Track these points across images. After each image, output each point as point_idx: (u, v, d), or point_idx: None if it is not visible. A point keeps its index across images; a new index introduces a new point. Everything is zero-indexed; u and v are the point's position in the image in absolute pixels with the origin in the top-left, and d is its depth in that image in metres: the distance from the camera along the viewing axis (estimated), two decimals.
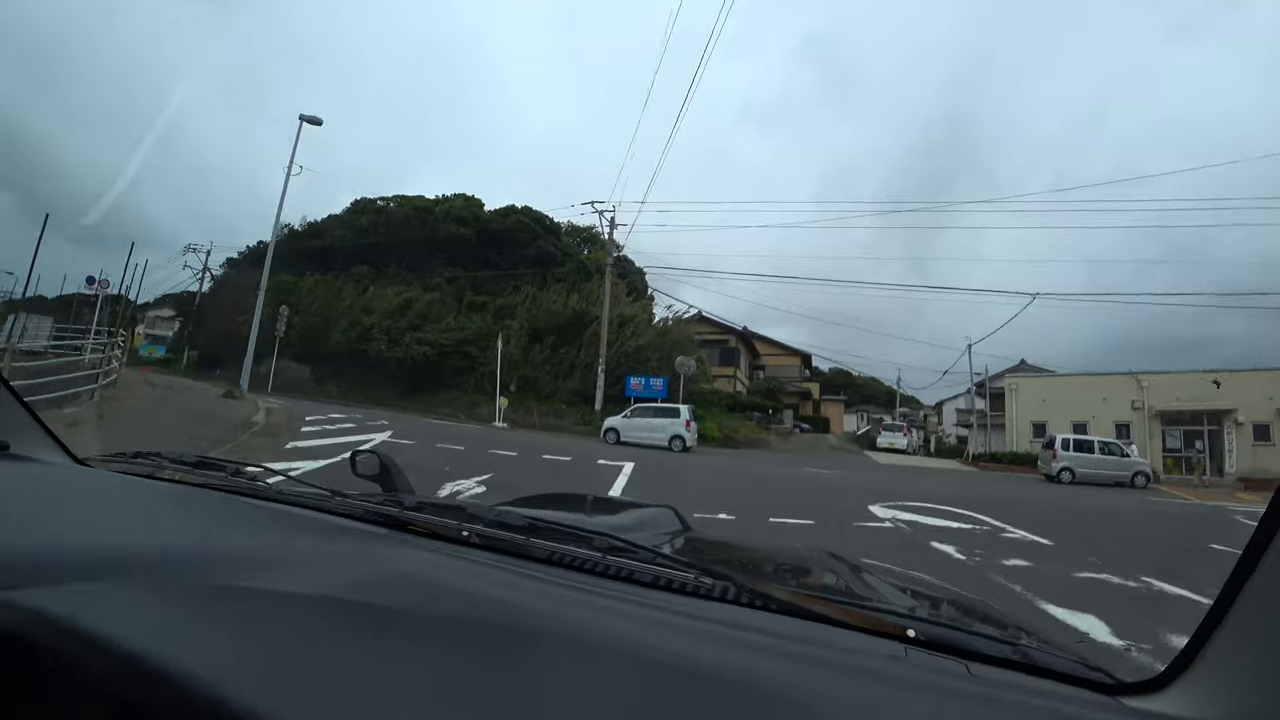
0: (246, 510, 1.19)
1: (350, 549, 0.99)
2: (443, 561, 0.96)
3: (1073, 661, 0.83)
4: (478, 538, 1.08)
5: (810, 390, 48.11)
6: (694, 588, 0.94)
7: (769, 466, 16.10)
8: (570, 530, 1.10)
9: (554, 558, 1.02)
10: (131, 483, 1.29)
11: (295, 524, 1.12)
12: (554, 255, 37.83)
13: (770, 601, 0.90)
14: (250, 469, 1.43)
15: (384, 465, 1.56)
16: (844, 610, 0.90)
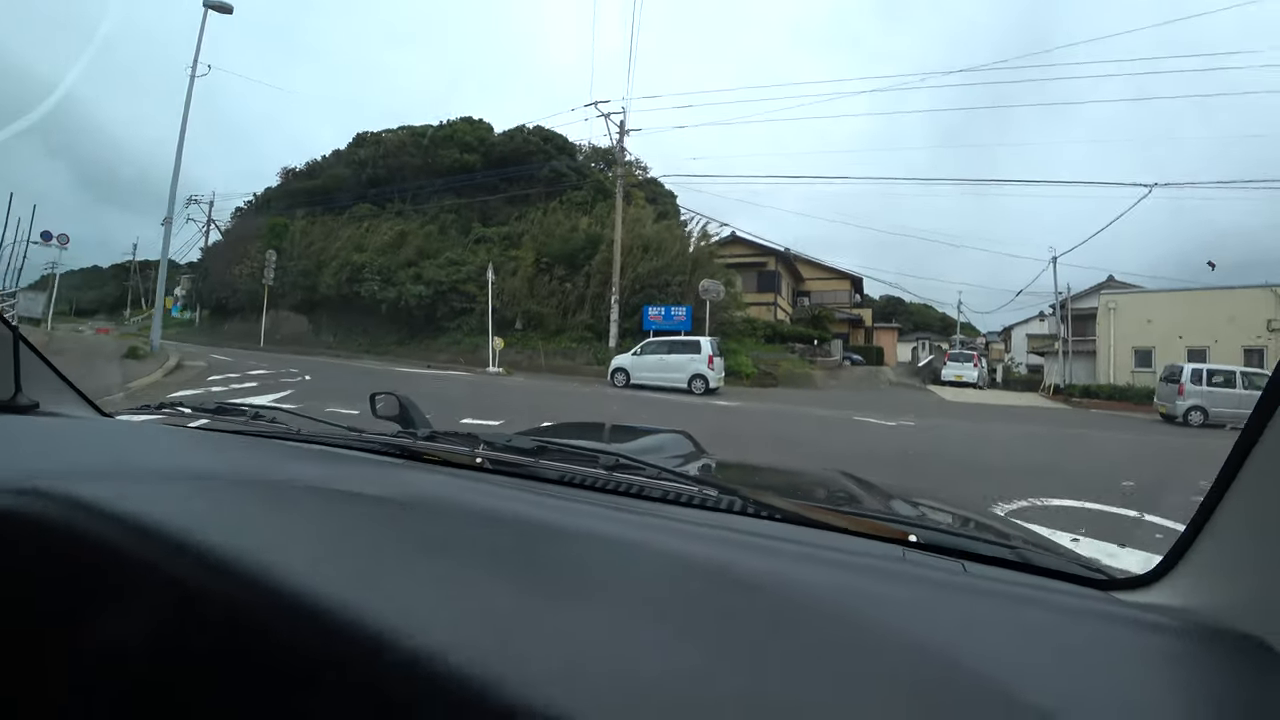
0: (268, 449, 1.23)
1: (369, 474, 1.01)
2: (459, 484, 0.97)
3: (1066, 560, 0.87)
4: (490, 463, 1.11)
5: (862, 317, 43.39)
6: (701, 500, 0.97)
7: (807, 416, 12.18)
8: (578, 450, 1.13)
9: (565, 478, 1.05)
10: (159, 429, 1.36)
11: (314, 458, 1.15)
12: (569, 177, 33.60)
13: (775, 511, 0.92)
14: (268, 411, 1.45)
15: (402, 405, 1.60)
16: (847, 518, 0.92)
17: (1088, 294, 33.88)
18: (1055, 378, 29.46)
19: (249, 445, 1.26)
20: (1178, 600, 0.69)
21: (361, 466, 1.08)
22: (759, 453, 7.53)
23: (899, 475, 6.54)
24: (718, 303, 21.78)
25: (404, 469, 1.09)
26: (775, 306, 32.04)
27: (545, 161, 34.15)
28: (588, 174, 33.52)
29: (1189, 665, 0.60)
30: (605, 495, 1.00)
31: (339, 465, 1.07)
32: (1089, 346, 31.66)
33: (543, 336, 24.51)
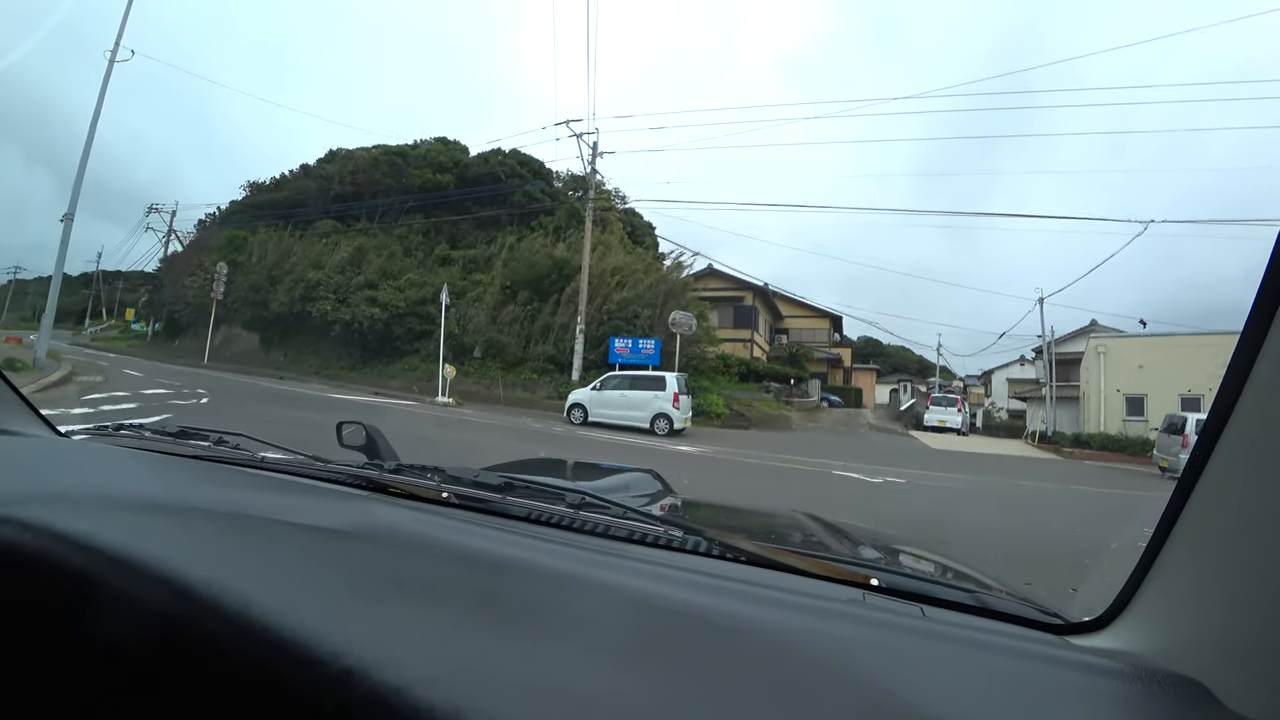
0: (231, 476, 1.20)
1: (332, 506, 0.99)
2: (423, 518, 0.96)
3: (1022, 604, 0.89)
4: (456, 498, 1.10)
5: (841, 357, 42.27)
6: (666, 540, 0.97)
7: (780, 470, 10.63)
8: (545, 488, 1.14)
9: (531, 515, 1.05)
10: (113, 451, 1.30)
11: (278, 487, 1.12)
12: (542, 201, 32.31)
13: (739, 553, 0.93)
14: (232, 438, 1.43)
15: (369, 435, 1.60)
16: (809, 561, 0.94)
17: (1071, 338, 33.07)
18: (1039, 424, 28.37)
19: (208, 471, 1.22)
20: (1126, 644, 0.71)
21: (325, 498, 1.06)
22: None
23: None
24: (689, 336, 20.34)
25: (368, 502, 1.07)
26: (752, 343, 30.74)
27: (519, 185, 32.93)
28: (562, 200, 32.27)
29: (1135, 710, 0.61)
30: (571, 534, 0.99)
31: (302, 496, 1.05)
32: (1073, 392, 30.68)
33: (502, 366, 22.89)
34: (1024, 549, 5.45)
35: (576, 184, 33.07)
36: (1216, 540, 0.64)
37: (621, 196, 33.25)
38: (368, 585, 0.63)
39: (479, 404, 19.94)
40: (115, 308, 56.79)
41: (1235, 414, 0.61)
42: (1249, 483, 0.61)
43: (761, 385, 24.65)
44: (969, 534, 6.02)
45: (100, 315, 58.51)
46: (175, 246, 44.37)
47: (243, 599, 0.52)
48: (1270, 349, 0.56)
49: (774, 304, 35.12)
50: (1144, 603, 0.72)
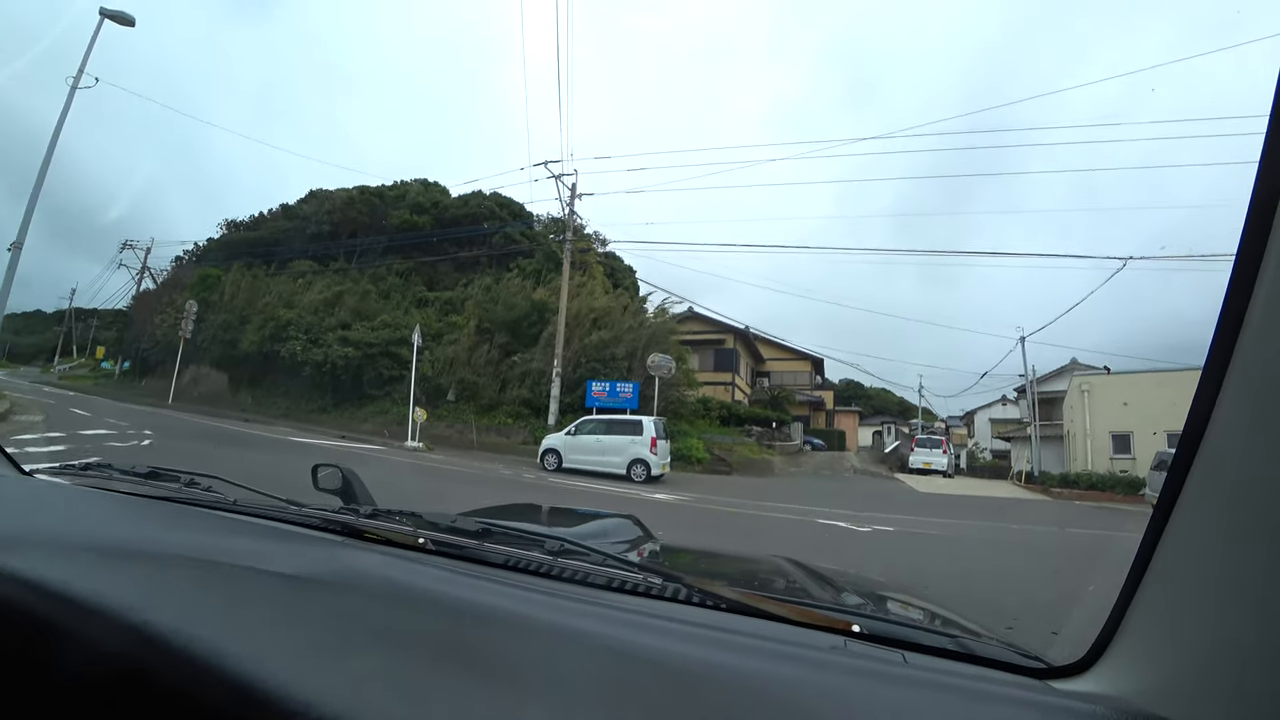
0: (202, 520, 1.16)
1: (307, 552, 0.96)
2: (400, 565, 0.94)
3: (1004, 649, 0.89)
4: (433, 544, 1.08)
5: (823, 399, 41.95)
6: (645, 588, 0.96)
7: (764, 518, 10.03)
8: (523, 534, 1.12)
9: (509, 562, 1.03)
10: (80, 492, 1.28)
11: (251, 531, 1.10)
12: (521, 244, 32.09)
13: (719, 600, 0.92)
14: (204, 480, 1.40)
15: (345, 478, 1.57)
16: (790, 608, 0.93)
17: (1052, 377, 33.02)
18: (1025, 464, 28.02)
19: (179, 514, 1.19)
20: (1107, 687, 0.71)
21: (298, 543, 1.02)
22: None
23: None
24: (668, 380, 19.84)
25: (343, 548, 1.04)
26: (733, 386, 30.29)
27: (498, 227, 32.75)
28: (541, 242, 32.06)
29: None
30: (550, 581, 0.98)
31: (275, 541, 1.02)
32: (1056, 431, 30.48)
33: (476, 410, 22.18)
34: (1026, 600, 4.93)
35: (557, 227, 32.96)
36: (1190, 580, 0.63)
37: (602, 240, 33.24)
38: (342, 636, 0.62)
39: (450, 449, 19.19)
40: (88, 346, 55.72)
41: (1200, 452, 0.61)
42: (1218, 522, 0.60)
43: (743, 429, 24.13)
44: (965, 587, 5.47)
45: (71, 353, 57.31)
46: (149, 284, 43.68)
47: (214, 649, 0.52)
48: (1229, 388, 0.57)
49: (755, 347, 34.84)
50: (1123, 645, 0.72)
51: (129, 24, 13.92)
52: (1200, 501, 0.61)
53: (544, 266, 28.65)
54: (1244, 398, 0.56)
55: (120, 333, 43.55)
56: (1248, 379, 0.55)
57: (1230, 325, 0.56)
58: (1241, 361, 0.56)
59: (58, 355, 56.43)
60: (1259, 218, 0.54)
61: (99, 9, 13.67)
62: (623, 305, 24.47)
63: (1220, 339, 0.57)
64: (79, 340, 59.10)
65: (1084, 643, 0.77)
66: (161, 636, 0.52)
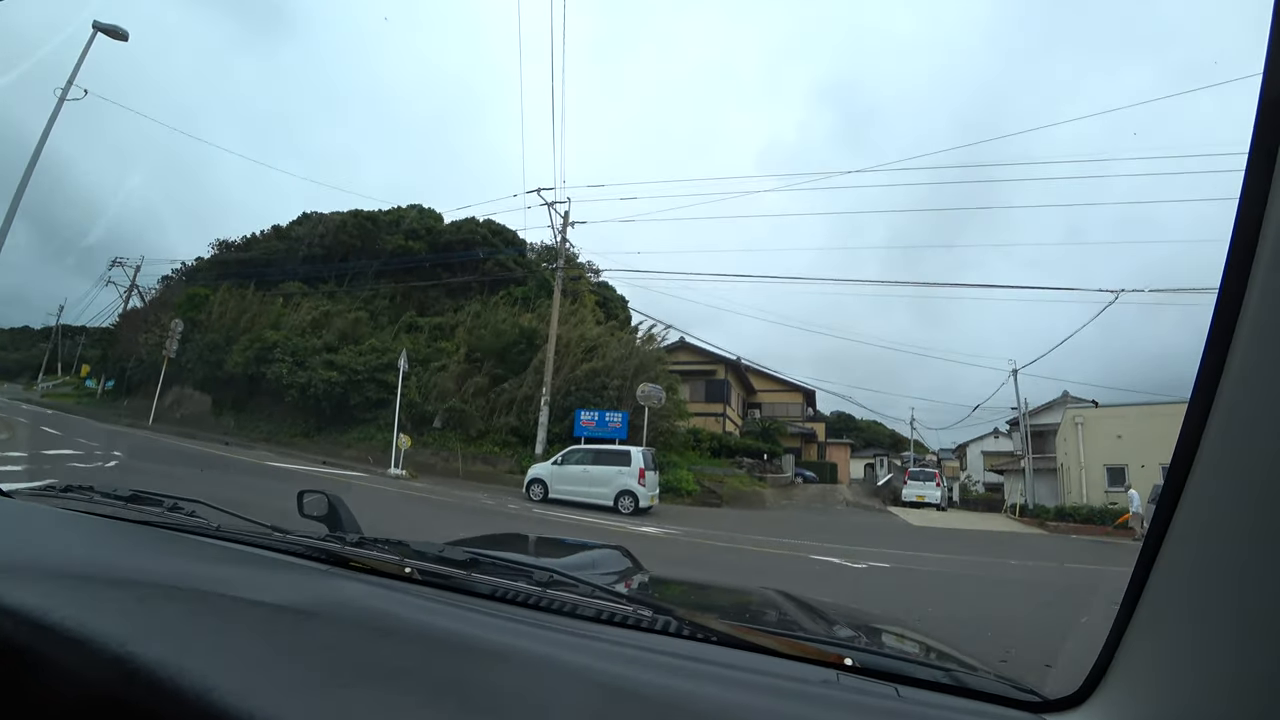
0: (185, 546, 1.15)
1: (292, 581, 0.96)
2: (386, 595, 0.93)
3: (998, 682, 0.88)
4: (420, 574, 1.06)
5: (815, 431, 41.64)
6: (634, 621, 0.94)
7: (754, 554, 9.69)
8: (511, 565, 1.10)
9: (496, 593, 1.01)
10: (60, 515, 1.25)
11: (234, 558, 1.08)
12: (514, 271, 31.99)
13: (710, 634, 0.90)
14: (187, 504, 1.37)
15: (331, 505, 1.55)
16: (781, 640, 0.91)
17: (1044, 409, 32.92)
18: (1018, 497, 27.73)
19: (161, 540, 1.16)
20: (1102, 719, 0.70)
21: (284, 572, 1.02)
22: None
23: None
24: (658, 410, 19.54)
25: (330, 577, 1.02)
26: (724, 418, 30.00)
27: (490, 253, 32.67)
28: (533, 270, 31.95)
29: None
30: (538, 612, 0.96)
31: (259, 569, 1.02)
32: (1049, 464, 30.26)
33: (463, 438, 21.75)
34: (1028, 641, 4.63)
35: (549, 255, 32.92)
36: (1181, 614, 0.63)
37: (595, 269, 33.21)
38: (329, 669, 0.61)
39: (435, 477, 18.75)
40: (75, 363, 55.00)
41: (1188, 486, 0.60)
42: (1206, 555, 0.60)
43: (734, 461, 23.79)
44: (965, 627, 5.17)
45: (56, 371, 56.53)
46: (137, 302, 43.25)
47: (200, 682, 0.51)
48: (1215, 422, 0.56)
49: (746, 378, 34.66)
50: (1116, 678, 0.71)
51: (122, 38, 13.82)
52: (1189, 534, 0.61)
53: (534, 293, 28.52)
54: (1230, 431, 0.55)
55: (105, 351, 42.90)
56: (1233, 413, 0.55)
57: (1214, 360, 0.56)
58: (1226, 396, 0.55)
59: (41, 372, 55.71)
60: (1239, 255, 0.54)
61: (92, 22, 13.59)
62: (615, 336, 24.24)
63: (1205, 374, 0.56)
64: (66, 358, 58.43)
65: (1078, 676, 0.76)
66: (147, 668, 0.51)
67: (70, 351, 58.34)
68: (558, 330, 22.09)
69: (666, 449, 20.00)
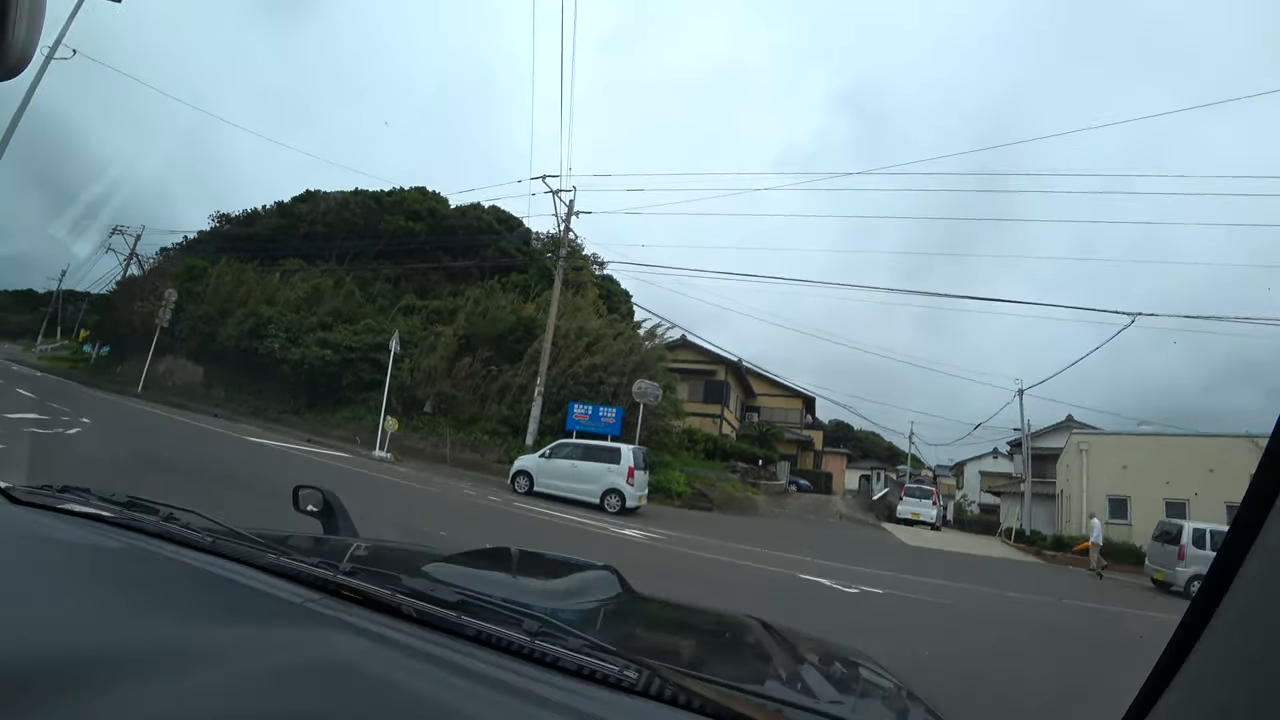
0: (171, 569, 1.15)
1: (275, 632, 0.96)
2: (368, 647, 0.93)
3: None
4: (412, 610, 1.07)
5: (813, 439, 41.17)
6: (616, 680, 0.93)
7: (741, 567, 9.20)
8: (501, 609, 1.10)
9: (483, 637, 1.02)
10: (55, 524, 1.25)
11: (221, 589, 1.09)
12: (516, 258, 31.49)
13: (693, 699, 0.89)
14: (182, 514, 1.35)
15: (327, 502, 1.54)
16: (767, 713, 0.90)
17: (1047, 432, 32.35)
18: (1014, 521, 27.21)
19: (153, 559, 1.17)
20: None
21: (273, 597, 1.05)
22: None
23: None
24: (653, 408, 19.04)
25: (317, 622, 1.02)
26: (721, 419, 29.53)
27: (493, 239, 32.18)
28: (536, 258, 31.43)
29: None
30: (524, 663, 0.96)
31: (246, 594, 1.04)
32: (1048, 489, 29.70)
33: (453, 424, 21.27)
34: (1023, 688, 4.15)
35: (554, 245, 32.39)
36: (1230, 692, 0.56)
37: (600, 262, 32.65)
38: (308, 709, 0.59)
39: (421, 462, 18.28)
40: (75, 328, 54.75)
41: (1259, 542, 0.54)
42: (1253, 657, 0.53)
43: (728, 464, 23.33)
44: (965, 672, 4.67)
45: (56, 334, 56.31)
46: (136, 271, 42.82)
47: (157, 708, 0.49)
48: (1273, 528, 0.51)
49: (747, 381, 34.16)
50: None
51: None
52: (1254, 598, 0.52)
53: (536, 282, 28.01)
54: None
55: (102, 317, 42.51)
56: None
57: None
58: None
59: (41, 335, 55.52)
60: None
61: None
62: (615, 331, 23.71)
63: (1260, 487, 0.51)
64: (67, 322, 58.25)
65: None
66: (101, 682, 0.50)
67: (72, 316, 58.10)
68: (557, 321, 21.59)
69: (660, 448, 19.51)
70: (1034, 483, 28.73)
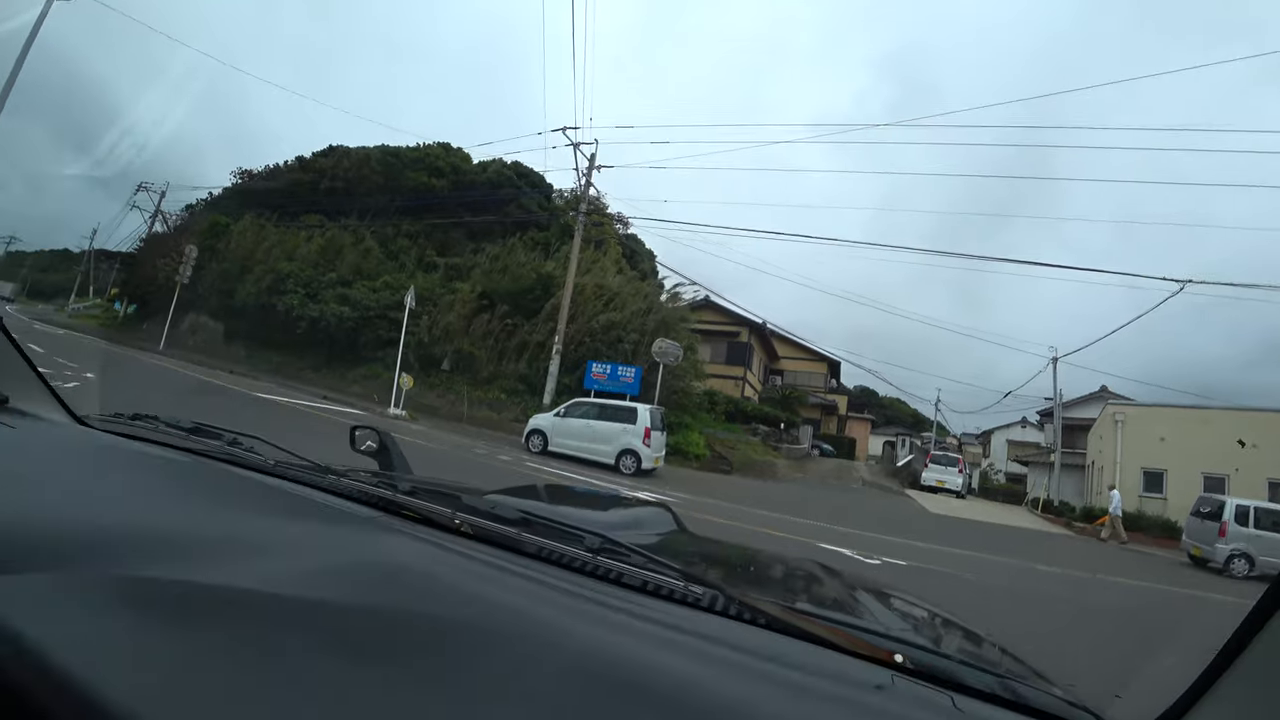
0: (239, 484, 1.18)
1: (339, 535, 0.96)
2: (431, 552, 0.94)
3: (1061, 701, 0.82)
4: (470, 528, 1.07)
5: (837, 404, 40.50)
6: (681, 595, 0.92)
7: (752, 531, 8.82)
8: (562, 527, 1.09)
9: (544, 554, 1.01)
10: (127, 448, 1.28)
11: (286, 502, 1.11)
12: (537, 215, 30.92)
13: (758, 615, 0.88)
14: (246, 439, 1.40)
15: (383, 442, 1.57)
16: (833, 630, 0.88)
17: (1079, 403, 31.43)
18: (1041, 491, 26.56)
19: (220, 476, 1.20)
20: None
21: (334, 524, 1.02)
22: None
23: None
24: (674, 368, 18.59)
25: (380, 531, 1.02)
26: (744, 382, 28.99)
27: (514, 193, 31.60)
28: (559, 215, 30.80)
29: None
30: (585, 578, 0.95)
31: (310, 510, 1.04)
32: (1078, 460, 28.93)
33: (470, 382, 21.06)
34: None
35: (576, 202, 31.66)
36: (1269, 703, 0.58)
37: (624, 221, 31.90)
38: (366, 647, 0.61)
39: (437, 420, 18.13)
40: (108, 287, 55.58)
41: None
42: None
43: (749, 427, 22.90)
44: None
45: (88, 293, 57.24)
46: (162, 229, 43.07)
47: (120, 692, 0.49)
48: None
49: (770, 343, 33.47)
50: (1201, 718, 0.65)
51: None
52: None
53: (557, 239, 27.48)
54: None
55: (127, 275, 42.95)
56: None
57: None
58: None
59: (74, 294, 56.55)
60: None
61: None
62: (636, 289, 23.16)
63: None
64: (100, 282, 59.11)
65: (1151, 711, 0.70)
66: (62, 670, 0.49)
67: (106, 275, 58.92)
68: (577, 278, 21.11)
69: (679, 409, 19.12)
70: (1063, 453, 27.98)
